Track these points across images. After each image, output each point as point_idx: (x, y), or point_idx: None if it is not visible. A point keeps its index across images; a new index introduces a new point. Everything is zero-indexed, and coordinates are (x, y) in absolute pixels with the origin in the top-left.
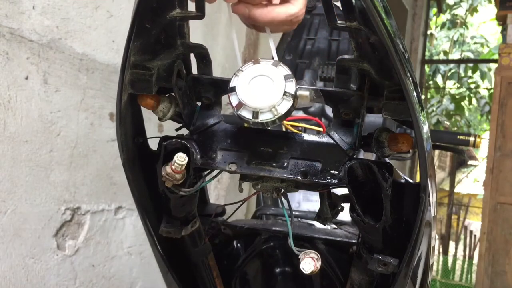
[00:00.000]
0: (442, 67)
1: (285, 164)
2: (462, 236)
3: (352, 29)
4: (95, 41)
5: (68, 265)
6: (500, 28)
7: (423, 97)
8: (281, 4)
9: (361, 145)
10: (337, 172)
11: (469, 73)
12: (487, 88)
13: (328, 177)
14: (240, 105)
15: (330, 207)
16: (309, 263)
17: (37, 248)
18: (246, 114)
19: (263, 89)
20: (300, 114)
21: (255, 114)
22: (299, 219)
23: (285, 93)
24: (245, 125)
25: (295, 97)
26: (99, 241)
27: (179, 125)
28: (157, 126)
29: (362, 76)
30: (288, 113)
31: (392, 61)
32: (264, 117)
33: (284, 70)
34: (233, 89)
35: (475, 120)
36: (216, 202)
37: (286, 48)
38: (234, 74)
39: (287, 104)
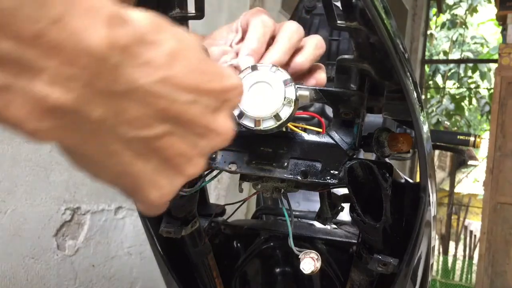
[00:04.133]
0: (442, 67)
1: (285, 164)
2: (462, 236)
3: (352, 29)
4: None
5: (68, 265)
6: (500, 28)
7: (423, 97)
8: (302, 48)
9: (361, 145)
10: (337, 172)
11: (469, 73)
12: (487, 88)
13: (328, 177)
14: (242, 114)
15: (330, 207)
16: (309, 263)
17: (37, 248)
18: (248, 123)
19: (263, 96)
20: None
21: (257, 122)
22: (299, 219)
23: (285, 98)
24: None
25: (296, 101)
26: (99, 241)
27: None
28: None
29: (362, 76)
30: (290, 118)
31: (392, 61)
32: (266, 125)
33: (283, 74)
34: None
35: (475, 120)
36: (216, 202)
37: None
38: None
39: (288, 110)
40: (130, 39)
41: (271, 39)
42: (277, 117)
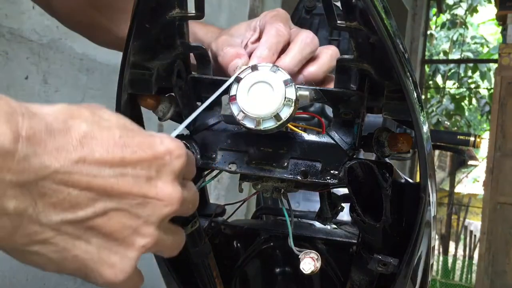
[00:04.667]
0: (442, 67)
1: (285, 164)
2: (462, 236)
3: (352, 29)
4: None
5: None
6: (500, 28)
7: (423, 97)
8: (317, 58)
9: (361, 145)
10: (337, 172)
11: (469, 73)
12: (487, 88)
13: (328, 177)
14: (242, 114)
15: (330, 207)
16: (309, 263)
17: None
18: (248, 123)
19: (263, 96)
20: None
21: (258, 122)
22: (299, 219)
23: (285, 99)
24: None
25: (296, 101)
26: None
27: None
28: (157, 126)
29: (362, 76)
30: (290, 119)
31: (392, 61)
32: (266, 125)
33: (283, 74)
34: (233, 98)
35: (475, 120)
36: (216, 202)
37: None
38: (234, 81)
39: (288, 110)
40: (34, 129)
41: (287, 45)
42: (277, 117)
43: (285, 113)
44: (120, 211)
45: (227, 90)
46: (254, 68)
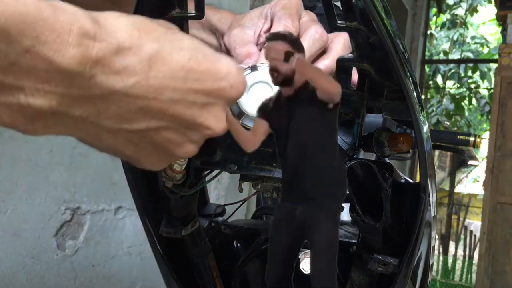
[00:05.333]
0: (442, 67)
1: None
2: (462, 236)
3: (352, 29)
4: None
5: (68, 265)
6: (500, 28)
7: (423, 97)
8: (329, 49)
9: (361, 145)
10: None
11: (469, 73)
12: (487, 88)
13: None
14: (242, 114)
15: None
16: (309, 263)
17: (37, 248)
18: (249, 123)
19: (263, 96)
20: None
21: None
22: None
23: None
24: None
25: None
26: (99, 241)
27: None
28: None
29: (362, 76)
30: None
31: (392, 61)
32: None
33: None
34: None
35: (475, 120)
36: (216, 202)
37: None
38: None
39: None
40: (103, 51)
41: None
42: None
43: None
44: (170, 129)
45: None
46: (253, 68)
